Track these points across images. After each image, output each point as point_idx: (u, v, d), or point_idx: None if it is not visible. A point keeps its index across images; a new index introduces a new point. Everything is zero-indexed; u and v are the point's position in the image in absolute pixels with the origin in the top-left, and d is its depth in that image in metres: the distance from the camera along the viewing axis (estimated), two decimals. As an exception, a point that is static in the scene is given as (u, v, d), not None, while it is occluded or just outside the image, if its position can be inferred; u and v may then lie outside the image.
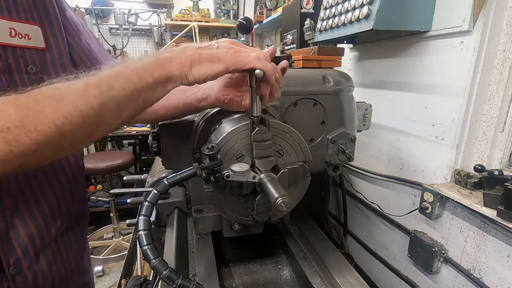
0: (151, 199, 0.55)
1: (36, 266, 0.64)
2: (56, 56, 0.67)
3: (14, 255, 0.60)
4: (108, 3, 3.88)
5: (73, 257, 0.75)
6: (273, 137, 0.63)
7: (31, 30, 0.62)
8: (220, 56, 0.54)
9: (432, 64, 1.18)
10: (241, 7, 4.32)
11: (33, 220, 0.63)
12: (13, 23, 0.58)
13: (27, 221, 0.62)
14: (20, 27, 0.59)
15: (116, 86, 0.48)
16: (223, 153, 0.61)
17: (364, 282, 0.79)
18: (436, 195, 1.13)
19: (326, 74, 0.92)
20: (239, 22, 0.74)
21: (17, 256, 0.60)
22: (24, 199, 0.62)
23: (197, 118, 0.80)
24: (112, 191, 1.86)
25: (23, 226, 0.61)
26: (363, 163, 1.66)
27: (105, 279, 2.65)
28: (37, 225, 0.64)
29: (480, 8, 0.99)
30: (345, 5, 1.23)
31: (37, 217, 0.64)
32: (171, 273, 0.54)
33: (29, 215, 0.62)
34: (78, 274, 0.78)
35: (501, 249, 0.99)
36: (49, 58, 0.65)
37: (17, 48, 0.59)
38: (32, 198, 0.63)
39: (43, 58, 0.64)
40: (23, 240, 0.61)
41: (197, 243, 0.95)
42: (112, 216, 2.92)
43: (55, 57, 0.66)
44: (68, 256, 0.73)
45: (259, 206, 0.67)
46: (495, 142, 1.06)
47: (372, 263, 1.62)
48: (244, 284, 0.90)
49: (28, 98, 0.44)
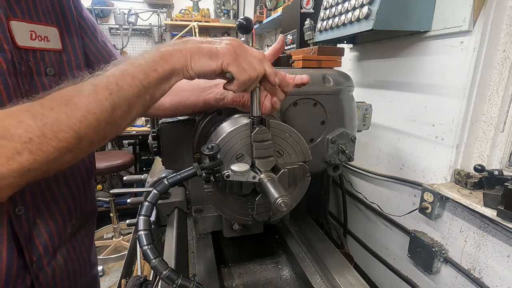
0: (151, 199, 0.55)
1: (54, 262, 0.66)
2: (72, 57, 0.67)
3: (36, 253, 0.62)
4: (108, 3, 3.88)
5: (84, 252, 0.77)
6: (273, 137, 0.63)
7: (50, 32, 0.62)
8: (219, 53, 0.53)
9: (432, 64, 1.18)
10: (241, 7, 4.32)
11: (53, 219, 0.66)
12: (33, 25, 0.59)
13: (47, 221, 0.64)
14: (40, 29, 0.60)
15: (124, 85, 0.48)
16: (223, 153, 0.61)
17: (364, 282, 0.79)
18: (436, 195, 1.13)
19: (326, 74, 0.92)
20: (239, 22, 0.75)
21: (39, 254, 0.63)
22: (45, 200, 0.64)
23: (197, 118, 0.80)
24: (112, 191, 1.87)
25: (44, 226, 0.64)
26: (363, 163, 1.66)
27: (105, 279, 2.65)
28: (56, 224, 0.66)
29: (480, 8, 0.99)
30: (345, 5, 1.23)
31: (56, 217, 0.66)
32: (171, 273, 0.54)
33: (49, 215, 0.65)
34: (88, 268, 0.81)
35: (501, 249, 0.99)
36: (66, 60, 0.66)
37: (37, 51, 0.60)
38: (52, 199, 0.65)
39: (60, 60, 0.65)
40: (44, 239, 0.64)
41: (197, 243, 0.95)
42: (112, 216, 2.92)
43: (71, 59, 0.67)
44: (81, 252, 0.76)
45: (259, 206, 0.67)
46: (495, 142, 1.06)
47: (372, 263, 1.62)
48: (244, 284, 0.89)
49: (43, 106, 0.44)
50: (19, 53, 0.57)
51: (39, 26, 0.60)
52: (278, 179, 0.62)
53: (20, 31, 0.57)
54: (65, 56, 0.66)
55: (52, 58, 0.63)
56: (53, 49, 0.63)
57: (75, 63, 0.68)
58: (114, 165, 2.78)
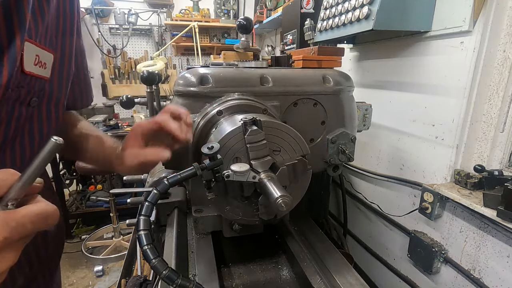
0: (151, 199, 0.55)
1: None
2: (55, 89, 0.59)
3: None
4: (108, 3, 3.89)
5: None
6: (268, 136, 0.63)
7: (48, 58, 0.54)
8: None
9: (432, 64, 1.18)
10: (241, 7, 4.32)
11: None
12: (39, 50, 0.51)
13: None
14: (43, 55, 0.52)
15: None
16: (223, 153, 0.61)
17: (364, 282, 0.79)
18: (436, 195, 1.13)
19: (326, 74, 0.92)
20: (239, 22, 0.75)
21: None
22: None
23: (197, 118, 0.80)
24: (112, 191, 1.87)
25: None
26: (363, 163, 1.66)
27: (105, 279, 2.65)
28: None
29: (480, 8, 0.99)
30: (345, 5, 1.23)
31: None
32: (171, 273, 0.54)
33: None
34: None
35: (501, 249, 0.99)
36: (48, 91, 0.57)
37: (33, 78, 0.52)
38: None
39: (44, 90, 0.56)
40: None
41: (197, 243, 0.95)
42: (112, 216, 2.91)
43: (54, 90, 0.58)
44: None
45: (262, 206, 0.67)
46: (495, 142, 1.06)
47: (372, 263, 1.62)
48: (244, 284, 0.89)
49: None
50: (20, 79, 0.49)
51: (42, 50, 0.52)
52: (278, 177, 0.62)
53: (29, 54, 0.49)
54: (49, 87, 0.57)
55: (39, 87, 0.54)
56: (42, 77, 0.54)
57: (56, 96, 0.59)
58: (114, 165, 2.77)
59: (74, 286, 2.58)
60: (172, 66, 4.37)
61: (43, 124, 0.58)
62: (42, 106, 0.57)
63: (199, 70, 0.84)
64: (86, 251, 2.91)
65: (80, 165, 2.73)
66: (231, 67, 0.98)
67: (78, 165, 2.77)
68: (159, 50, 3.72)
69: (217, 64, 1.05)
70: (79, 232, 3.26)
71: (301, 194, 0.72)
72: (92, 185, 3.55)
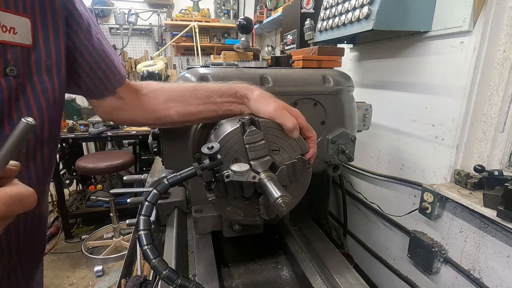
0: (151, 199, 0.55)
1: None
2: (43, 57, 0.55)
3: None
4: (108, 3, 3.89)
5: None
6: (267, 136, 0.63)
7: (18, 23, 0.50)
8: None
9: (432, 64, 1.18)
10: (241, 7, 4.32)
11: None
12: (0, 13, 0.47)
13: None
14: (6, 18, 0.48)
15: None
16: (223, 153, 0.61)
17: (364, 282, 0.79)
18: (436, 195, 1.13)
19: (326, 74, 0.92)
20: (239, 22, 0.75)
21: None
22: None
23: (197, 118, 0.80)
24: (112, 191, 1.87)
25: None
26: (363, 163, 1.66)
27: (105, 279, 2.65)
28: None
29: (480, 8, 0.99)
30: (345, 5, 1.23)
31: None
32: (171, 273, 0.54)
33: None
34: None
35: (501, 249, 0.99)
36: (34, 58, 0.53)
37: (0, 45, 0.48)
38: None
39: (27, 58, 0.52)
40: None
41: (197, 243, 0.95)
42: (112, 216, 2.92)
43: (41, 58, 0.55)
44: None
45: (262, 206, 0.67)
46: (495, 143, 1.06)
47: (372, 263, 1.62)
48: (244, 284, 0.89)
49: None
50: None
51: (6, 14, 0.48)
52: (278, 176, 0.62)
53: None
54: (34, 54, 0.53)
55: (17, 55, 0.51)
56: (19, 44, 0.50)
57: (46, 64, 0.55)
58: (114, 165, 2.78)
59: (74, 286, 2.58)
60: (172, 66, 4.37)
61: (39, 96, 0.55)
62: (33, 77, 0.54)
63: (199, 70, 0.84)
64: (86, 251, 2.91)
65: (80, 165, 2.73)
66: (231, 67, 0.98)
67: (78, 165, 2.77)
68: (159, 50, 3.73)
69: (217, 64, 1.05)
70: (79, 232, 3.26)
71: (301, 194, 0.72)
72: (92, 185, 3.55)
